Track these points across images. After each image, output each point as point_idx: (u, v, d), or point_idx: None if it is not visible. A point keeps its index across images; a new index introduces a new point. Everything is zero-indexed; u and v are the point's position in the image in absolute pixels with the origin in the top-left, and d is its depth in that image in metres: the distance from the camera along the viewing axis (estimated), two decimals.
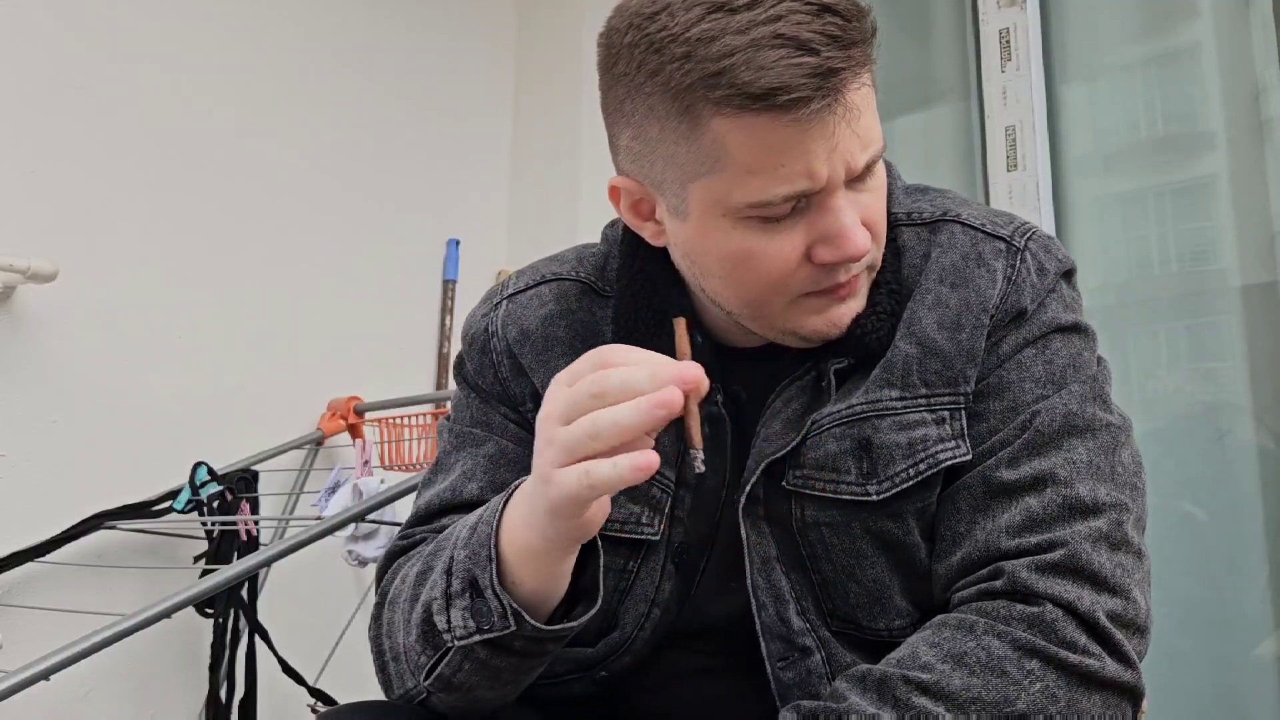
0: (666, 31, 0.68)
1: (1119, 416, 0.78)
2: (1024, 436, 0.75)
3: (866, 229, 0.73)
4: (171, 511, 1.76)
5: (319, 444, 2.11)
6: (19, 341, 1.74)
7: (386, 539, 1.79)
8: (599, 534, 0.70)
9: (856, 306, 0.78)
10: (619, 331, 0.83)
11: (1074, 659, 0.67)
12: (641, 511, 0.82)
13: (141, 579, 1.80)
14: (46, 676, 1.19)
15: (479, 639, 0.70)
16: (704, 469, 0.66)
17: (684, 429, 0.65)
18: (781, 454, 0.78)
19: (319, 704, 1.77)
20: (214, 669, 1.77)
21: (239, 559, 1.71)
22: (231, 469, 1.86)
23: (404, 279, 2.36)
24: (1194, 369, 1.75)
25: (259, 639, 1.76)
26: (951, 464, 0.76)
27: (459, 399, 0.92)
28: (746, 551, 0.79)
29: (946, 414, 0.77)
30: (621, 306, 0.84)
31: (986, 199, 1.93)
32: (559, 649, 0.75)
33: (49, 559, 1.67)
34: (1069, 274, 0.83)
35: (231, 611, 1.77)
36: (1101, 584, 0.70)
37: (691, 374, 0.62)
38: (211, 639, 1.77)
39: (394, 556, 0.86)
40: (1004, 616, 0.69)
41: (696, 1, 0.68)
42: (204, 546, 1.80)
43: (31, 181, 1.77)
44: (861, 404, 0.77)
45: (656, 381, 0.61)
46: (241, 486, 1.82)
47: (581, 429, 0.62)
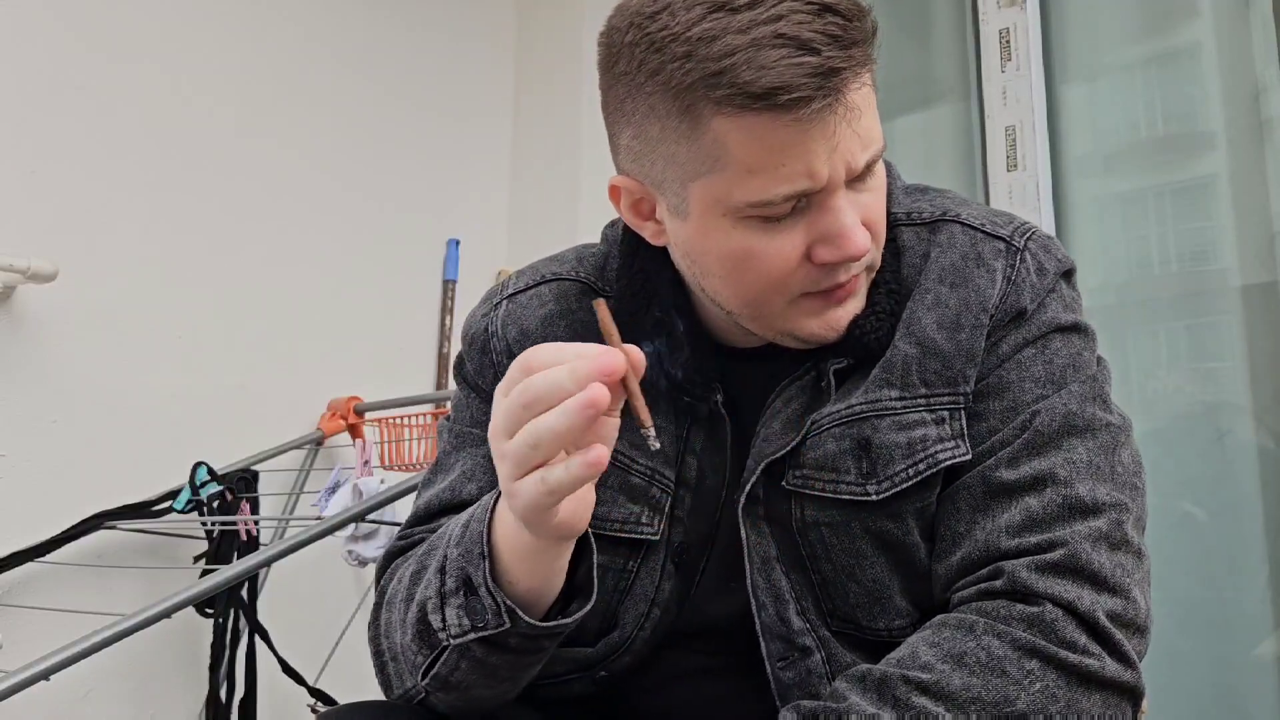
0: (667, 31, 0.68)
1: (1119, 416, 0.78)
2: (1024, 436, 0.75)
3: (866, 229, 0.73)
4: (171, 511, 1.77)
5: (319, 444, 2.11)
6: (19, 341, 1.74)
7: (386, 539, 1.78)
8: (597, 532, 0.70)
9: (855, 307, 0.78)
10: (619, 331, 0.83)
11: (1074, 659, 0.67)
12: (641, 511, 0.82)
13: (141, 579, 1.80)
14: (46, 676, 1.19)
15: (474, 637, 0.70)
16: (658, 446, 0.66)
17: (632, 410, 0.64)
18: (781, 454, 0.78)
19: (319, 704, 1.77)
20: (214, 669, 1.77)
21: (239, 559, 1.71)
22: (231, 469, 1.86)
23: (404, 279, 2.36)
24: (1194, 369, 1.75)
25: (259, 639, 1.76)
26: (951, 464, 0.76)
27: (459, 399, 0.92)
28: (746, 551, 0.79)
29: (946, 414, 0.77)
30: (621, 306, 0.84)
31: (986, 199, 1.93)
32: (555, 646, 0.75)
33: (49, 559, 1.67)
34: (1069, 274, 0.83)
35: (231, 611, 1.77)
36: (1101, 584, 0.70)
37: (611, 364, 0.61)
38: (211, 639, 1.77)
39: (393, 557, 0.86)
40: (1004, 616, 0.69)
41: (697, 1, 0.68)
42: (204, 546, 1.80)
43: (31, 181, 1.77)
44: (861, 404, 0.77)
45: (578, 380, 0.60)
46: (241, 486, 1.82)
47: (523, 442, 0.62)
